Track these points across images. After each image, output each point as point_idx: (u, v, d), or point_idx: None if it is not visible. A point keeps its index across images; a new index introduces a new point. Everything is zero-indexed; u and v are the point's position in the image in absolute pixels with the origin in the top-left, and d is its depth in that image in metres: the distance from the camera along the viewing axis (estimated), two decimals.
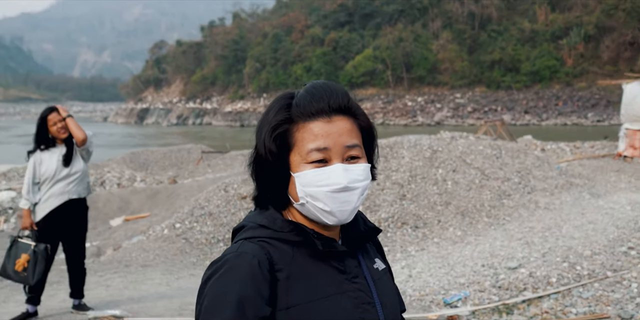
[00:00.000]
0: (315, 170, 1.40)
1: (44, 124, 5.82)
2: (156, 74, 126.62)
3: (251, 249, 1.40)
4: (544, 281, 6.61)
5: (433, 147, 12.97)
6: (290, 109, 1.45)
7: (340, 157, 1.42)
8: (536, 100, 73.02)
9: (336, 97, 1.44)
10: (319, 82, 1.48)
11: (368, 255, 1.57)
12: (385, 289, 1.54)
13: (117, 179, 21.95)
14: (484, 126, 26.60)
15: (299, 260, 1.42)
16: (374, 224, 1.59)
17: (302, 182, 1.41)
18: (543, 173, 12.75)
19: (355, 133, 1.46)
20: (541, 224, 9.40)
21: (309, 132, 1.42)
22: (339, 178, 1.39)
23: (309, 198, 1.41)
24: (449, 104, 78.06)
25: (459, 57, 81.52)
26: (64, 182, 5.84)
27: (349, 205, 1.41)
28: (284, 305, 1.37)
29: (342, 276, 1.44)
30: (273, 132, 1.44)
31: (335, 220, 1.42)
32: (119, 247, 11.16)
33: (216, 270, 1.38)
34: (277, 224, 1.45)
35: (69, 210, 5.88)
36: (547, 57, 74.80)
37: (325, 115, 1.43)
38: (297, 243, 1.44)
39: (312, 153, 1.40)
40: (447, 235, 9.90)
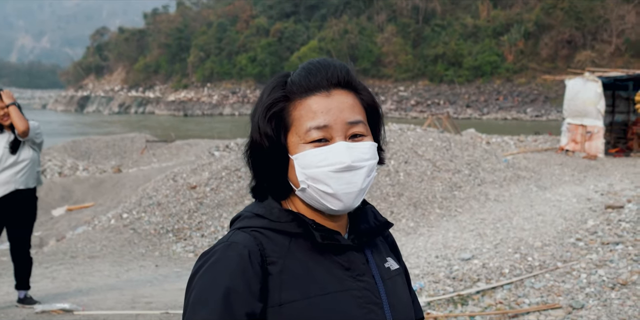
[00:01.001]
0: (316, 150, 1.28)
1: None
2: (97, 61, 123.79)
3: (242, 239, 1.29)
4: (497, 272, 6.69)
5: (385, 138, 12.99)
6: (286, 86, 1.34)
7: (343, 134, 1.29)
8: (478, 95, 74.37)
9: (334, 70, 1.33)
10: (316, 58, 1.38)
11: (379, 252, 1.44)
12: (397, 290, 1.41)
13: (59, 167, 21.36)
14: (429, 119, 26.89)
15: (296, 253, 1.30)
16: (386, 219, 1.47)
17: (302, 164, 1.29)
18: (491, 165, 12.95)
19: (357, 108, 1.34)
20: (492, 215, 9.55)
21: (307, 109, 1.30)
22: (341, 156, 1.27)
23: (310, 181, 1.29)
24: (392, 97, 78.79)
25: (403, 51, 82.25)
26: (11, 170, 5.60)
27: (355, 187, 1.29)
28: (277, 302, 1.25)
29: (346, 273, 1.32)
30: (267, 111, 1.32)
31: (341, 204, 1.29)
32: (63, 238, 10.84)
33: (205, 262, 1.28)
34: (274, 214, 1.33)
35: (15, 201, 5.65)
36: (489, 53, 76.23)
37: (323, 89, 1.31)
38: (295, 235, 1.32)
39: (312, 132, 1.28)
40: (400, 226, 9.94)
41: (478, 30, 79.62)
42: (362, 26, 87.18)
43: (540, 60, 74.54)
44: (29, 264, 5.93)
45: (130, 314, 5.73)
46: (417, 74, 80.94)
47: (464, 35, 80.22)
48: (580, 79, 19.62)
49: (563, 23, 71.55)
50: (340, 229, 1.38)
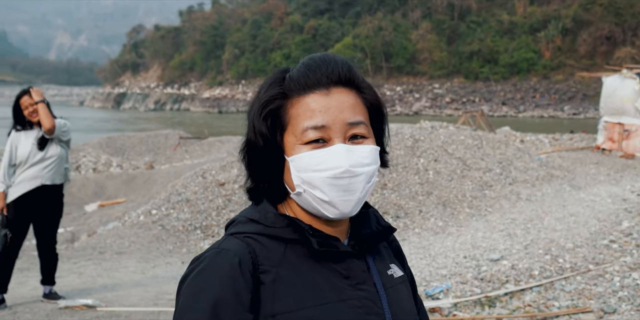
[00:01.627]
0: (313, 152, 1.19)
1: (17, 106, 5.69)
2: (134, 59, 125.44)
3: (234, 246, 1.21)
4: (527, 274, 6.55)
5: (415, 136, 12.87)
6: (284, 82, 1.25)
7: (342, 136, 1.21)
8: (514, 92, 73.50)
9: (335, 67, 1.24)
10: (317, 54, 1.29)
11: (381, 259, 1.35)
12: (400, 299, 1.32)
13: (93, 163, 21.64)
14: (463, 117, 26.62)
15: (292, 260, 1.22)
16: (389, 223, 1.38)
17: (298, 167, 1.21)
18: (524, 164, 12.72)
19: (359, 108, 1.25)
20: (523, 215, 9.36)
21: (304, 108, 1.22)
22: (339, 160, 1.18)
23: (306, 186, 1.20)
24: (427, 94, 78.31)
25: (437, 48, 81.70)
26: (38, 166, 5.66)
27: (353, 195, 1.20)
28: (269, 312, 1.17)
29: (344, 281, 1.23)
30: (263, 109, 1.24)
31: (337, 212, 1.21)
32: (94, 233, 10.93)
33: (194, 268, 1.21)
34: (268, 219, 1.25)
35: (41, 196, 5.70)
36: (525, 50, 75.25)
37: (323, 87, 1.23)
38: (290, 241, 1.24)
39: (308, 132, 1.20)
40: (428, 225, 9.81)
41: (514, 26, 78.64)
42: (397, 23, 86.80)
43: (578, 57, 73.33)
44: (55, 259, 5.98)
45: (153, 310, 5.73)
46: (452, 71, 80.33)
47: (500, 32, 79.32)
48: (618, 76, 19.19)
49: (602, 19, 70.21)
50: (339, 234, 1.29)
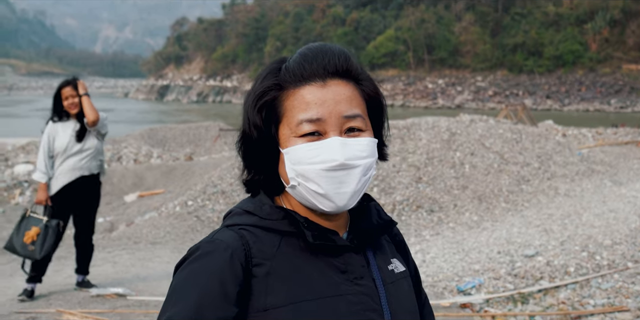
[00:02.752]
0: (307, 145, 1.17)
1: (58, 96, 5.75)
2: (177, 51, 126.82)
3: (227, 238, 1.19)
4: (562, 270, 6.43)
5: (451, 130, 12.73)
6: (279, 73, 1.22)
7: (338, 129, 1.18)
8: (558, 85, 72.20)
9: (332, 58, 1.21)
10: (315, 43, 1.26)
11: (382, 253, 1.32)
12: (400, 295, 1.28)
13: (134, 154, 21.97)
14: (504, 110, 26.26)
15: (287, 254, 1.20)
16: (390, 217, 1.34)
17: (292, 160, 1.18)
18: (564, 159, 12.48)
19: (356, 101, 1.22)
20: (560, 211, 9.19)
21: (300, 100, 1.19)
22: (334, 153, 1.16)
23: (301, 178, 1.18)
24: (469, 87, 77.48)
25: (481, 40, 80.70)
26: (76, 157, 5.74)
27: (348, 187, 1.17)
28: (261, 307, 1.15)
29: (342, 276, 1.20)
30: (257, 101, 1.22)
31: (332, 206, 1.18)
32: (132, 223, 11.11)
33: (186, 258, 1.20)
34: (264, 211, 1.23)
35: (80, 186, 5.78)
36: (571, 42, 73.76)
37: (319, 78, 1.20)
38: (286, 233, 1.22)
39: (303, 125, 1.18)
40: (462, 220, 9.70)
41: (560, 18, 77.15)
42: (440, 15, 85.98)
43: (627, 49, 71.59)
44: (91, 250, 6.08)
45: None
46: (495, 64, 79.26)
47: (545, 24, 77.90)
48: None
49: None
50: (338, 228, 1.27)
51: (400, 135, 12.49)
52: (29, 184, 14.75)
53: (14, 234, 5.67)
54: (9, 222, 11.38)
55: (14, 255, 8.38)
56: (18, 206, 13.21)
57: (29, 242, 5.56)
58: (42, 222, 5.56)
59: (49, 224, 5.55)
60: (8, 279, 7.16)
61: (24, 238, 5.56)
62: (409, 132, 12.63)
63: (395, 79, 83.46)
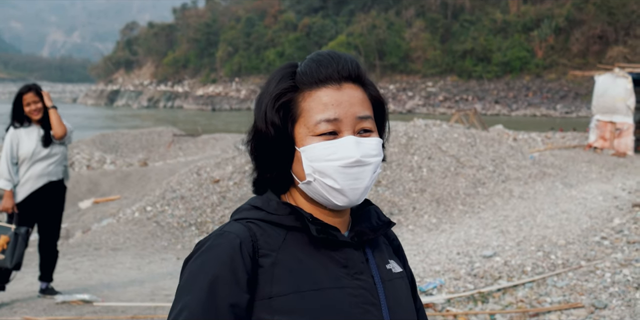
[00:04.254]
0: (324, 143, 1.26)
1: (19, 101, 5.64)
2: (127, 56, 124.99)
3: (236, 230, 1.27)
4: (519, 270, 6.60)
5: (409, 134, 12.92)
6: (295, 76, 1.32)
7: (352, 129, 1.28)
8: (507, 91, 73.58)
9: (345, 63, 1.31)
10: (324, 51, 1.35)
11: (380, 253, 1.40)
12: (397, 292, 1.36)
13: (87, 160, 21.62)
14: (456, 114, 26.67)
15: (292, 247, 1.28)
16: (389, 219, 1.44)
17: (310, 157, 1.27)
18: (517, 162, 12.79)
19: (367, 104, 1.32)
20: (515, 212, 9.43)
21: (317, 101, 1.28)
22: (351, 151, 1.25)
23: (317, 175, 1.26)
24: (420, 93, 78.30)
25: (431, 46, 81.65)
26: (43, 163, 5.65)
27: (361, 183, 1.27)
28: (266, 295, 1.22)
29: (342, 270, 1.28)
30: (276, 101, 1.30)
31: (346, 200, 1.27)
32: (88, 230, 10.95)
33: (197, 250, 1.27)
34: (271, 206, 1.32)
35: (48, 192, 5.71)
36: (518, 48, 75.30)
37: (335, 82, 1.29)
38: (292, 228, 1.30)
39: (321, 124, 1.26)
40: (422, 222, 9.87)
41: (507, 25, 78.69)
42: (390, 21, 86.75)
43: (571, 56, 73.44)
44: (55, 256, 5.97)
45: (149, 306, 5.77)
46: (445, 70, 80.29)
47: (493, 31, 79.35)
48: (610, 75, 19.29)
49: (595, 18, 70.35)
50: (340, 225, 1.35)
51: None
52: None
53: None
54: None
55: None
56: None
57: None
58: (11, 230, 5.45)
59: (18, 231, 5.44)
60: None
61: None
62: None
63: None
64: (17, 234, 5.43)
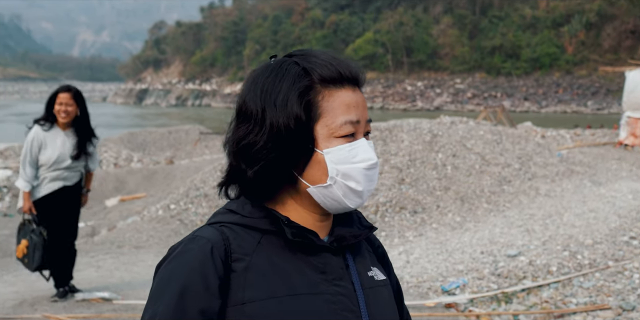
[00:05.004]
0: (349, 145, 1.23)
1: (53, 99, 5.53)
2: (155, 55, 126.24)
3: (208, 234, 1.22)
4: (544, 270, 6.49)
5: (433, 131, 12.80)
6: (310, 75, 1.24)
7: (363, 131, 1.27)
8: (536, 88, 72.85)
9: (355, 66, 1.29)
10: (325, 50, 1.31)
11: (362, 260, 1.34)
12: (379, 301, 1.31)
13: (114, 158, 21.82)
14: (483, 112, 26.44)
15: (266, 251, 1.23)
16: (371, 224, 1.39)
17: (335, 159, 1.22)
18: (544, 160, 12.61)
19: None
20: (542, 211, 9.27)
21: (340, 102, 1.24)
22: (370, 153, 1.24)
23: (340, 177, 1.22)
24: (448, 90, 77.89)
25: (459, 43, 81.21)
26: (63, 170, 5.62)
27: (374, 184, 1.27)
28: (239, 301, 1.18)
29: (320, 276, 1.23)
30: (302, 98, 1.22)
31: (360, 202, 1.26)
32: (114, 228, 11.03)
33: (168, 255, 1.23)
34: (246, 209, 1.26)
35: (62, 196, 5.66)
36: (548, 44, 74.47)
37: (351, 83, 1.27)
38: (267, 231, 1.25)
39: (346, 126, 1.23)
40: (445, 221, 9.76)
41: (537, 21, 77.87)
42: (418, 18, 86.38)
43: (602, 52, 72.45)
44: (74, 255, 5.96)
45: None
46: (473, 66, 79.78)
47: (522, 27, 78.59)
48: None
49: (627, 12, 69.30)
50: (323, 229, 1.30)
51: (382, 137, 12.54)
52: (8, 190, 14.60)
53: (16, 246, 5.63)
54: None
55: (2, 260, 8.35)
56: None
57: (20, 256, 5.49)
58: (29, 234, 5.46)
59: (33, 234, 5.44)
60: None
61: (17, 253, 5.49)
62: (390, 134, 12.68)
63: (374, 81, 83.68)
64: (33, 238, 5.44)
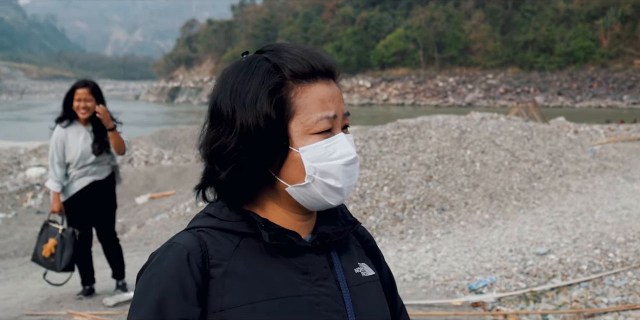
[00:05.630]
0: (325, 141, 1.17)
1: (71, 95, 5.47)
2: (187, 53, 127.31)
3: (185, 240, 1.18)
4: (574, 268, 6.35)
5: (462, 128, 12.66)
6: (281, 71, 1.19)
7: (340, 126, 1.22)
8: (570, 82, 71.85)
9: (327, 59, 1.23)
10: (296, 44, 1.25)
11: (349, 256, 1.30)
12: (367, 298, 1.26)
13: (145, 156, 22.01)
14: (515, 107, 26.13)
15: (245, 254, 1.18)
16: (355, 219, 1.34)
17: (312, 157, 1.17)
18: (576, 155, 12.39)
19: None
20: (573, 208, 9.11)
21: (313, 97, 1.19)
22: (348, 148, 1.19)
23: (319, 175, 1.17)
24: (480, 85, 77.25)
25: (491, 38, 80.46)
26: (90, 166, 5.57)
27: (354, 180, 1.22)
28: (218, 307, 1.14)
29: (302, 277, 1.19)
30: (272, 96, 1.18)
31: (340, 199, 1.21)
32: (143, 225, 11.13)
33: (147, 263, 1.19)
34: (223, 213, 1.22)
35: (94, 192, 5.59)
36: (582, 38, 73.35)
37: (324, 77, 1.21)
38: (245, 235, 1.20)
39: (322, 122, 1.18)
40: (474, 218, 9.63)
41: (571, 14, 76.76)
42: (449, 13, 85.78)
43: (639, 45, 71.12)
44: (119, 252, 5.93)
45: None
46: (506, 61, 79.02)
47: (556, 20, 77.54)
48: None
49: None
50: (304, 229, 1.26)
51: (410, 133, 12.43)
52: (40, 187, 14.82)
53: (37, 246, 5.57)
54: (21, 224, 11.44)
55: (25, 259, 8.44)
56: (30, 209, 13.28)
57: (47, 255, 5.46)
58: (59, 233, 5.45)
59: (65, 233, 5.43)
60: (19, 281, 7.17)
61: (43, 252, 5.47)
62: (419, 131, 12.58)
63: (405, 77, 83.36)
64: (63, 237, 5.43)
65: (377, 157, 11.48)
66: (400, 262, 7.54)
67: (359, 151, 11.69)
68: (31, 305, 5.69)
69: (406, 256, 7.84)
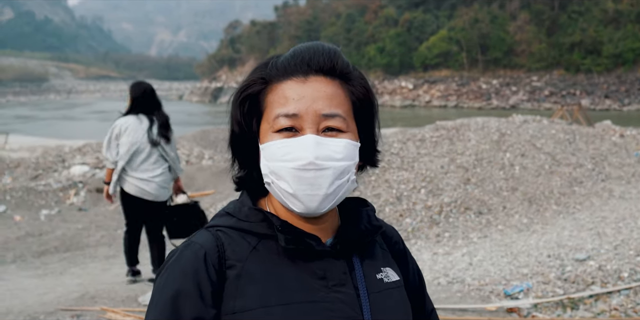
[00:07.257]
0: (281, 141, 1.13)
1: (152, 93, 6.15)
2: (230, 54, 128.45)
3: (203, 240, 1.17)
4: (615, 275, 6.20)
5: (501, 130, 12.49)
6: (266, 69, 1.20)
7: (315, 126, 1.14)
8: (618, 85, 70.30)
9: (315, 54, 1.18)
10: (309, 42, 1.24)
11: (373, 261, 1.26)
12: (387, 305, 1.21)
13: (186, 156, 22.24)
14: (560, 110, 25.69)
15: (262, 256, 1.16)
16: (380, 223, 1.29)
17: (267, 156, 1.15)
18: (620, 160, 12.10)
19: (338, 100, 1.17)
20: (615, 214, 8.89)
21: (279, 94, 1.17)
22: (305, 152, 1.11)
23: (273, 176, 1.14)
24: (525, 87, 76.16)
25: (536, 39, 79.25)
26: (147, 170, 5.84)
27: (319, 190, 1.12)
28: (230, 310, 1.12)
29: (319, 282, 1.16)
30: (240, 94, 1.20)
31: (302, 207, 1.14)
32: None
33: (166, 262, 1.19)
34: (242, 212, 1.20)
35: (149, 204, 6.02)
36: (632, 39, 71.62)
37: (301, 74, 1.17)
38: (264, 236, 1.18)
39: (280, 119, 1.14)
40: (512, 222, 9.48)
41: (620, 15, 75.05)
42: (494, 14, 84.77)
43: None
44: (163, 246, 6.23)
45: None
46: (551, 63, 77.68)
47: (604, 21, 75.93)
48: None
49: None
50: (321, 232, 1.21)
51: (448, 136, 12.31)
52: (83, 185, 15.09)
53: None
54: (63, 221, 11.65)
55: (64, 254, 8.61)
56: (73, 206, 13.51)
57: None
58: None
59: None
60: (58, 277, 7.30)
61: None
62: (457, 133, 12.44)
63: (448, 79, 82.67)
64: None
65: (415, 159, 11.39)
66: (435, 265, 7.46)
67: (396, 153, 11.61)
68: (67, 301, 5.79)
69: (442, 259, 7.75)
